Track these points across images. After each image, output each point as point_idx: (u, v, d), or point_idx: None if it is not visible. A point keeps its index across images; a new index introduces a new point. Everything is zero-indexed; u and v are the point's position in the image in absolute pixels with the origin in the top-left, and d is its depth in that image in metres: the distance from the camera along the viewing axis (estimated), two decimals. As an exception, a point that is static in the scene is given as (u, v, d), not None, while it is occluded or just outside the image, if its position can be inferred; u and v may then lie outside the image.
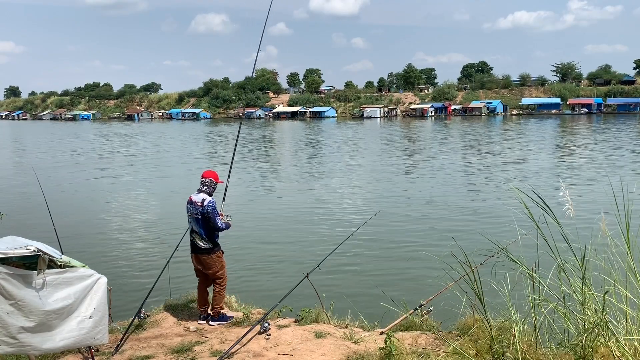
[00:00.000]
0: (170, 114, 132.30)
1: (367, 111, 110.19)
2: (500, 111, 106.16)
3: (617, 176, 23.91)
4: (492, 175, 26.83)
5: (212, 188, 6.50)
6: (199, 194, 6.45)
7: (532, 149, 40.78)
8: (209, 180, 6.49)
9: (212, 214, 6.29)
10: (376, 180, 26.69)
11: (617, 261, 4.08)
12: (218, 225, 6.32)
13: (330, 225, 16.54)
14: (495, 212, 17.73)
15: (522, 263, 4.39)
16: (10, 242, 4.30)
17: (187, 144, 53.38)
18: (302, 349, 5.56)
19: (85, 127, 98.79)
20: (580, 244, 4.19)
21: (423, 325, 6.05)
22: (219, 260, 6.49)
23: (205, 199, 6.34)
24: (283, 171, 31.16)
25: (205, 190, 6.46)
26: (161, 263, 8.57)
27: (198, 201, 6.37)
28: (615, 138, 47.83)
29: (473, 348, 4.98)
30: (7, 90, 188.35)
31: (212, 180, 6.50)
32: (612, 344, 3.90)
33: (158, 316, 6.88)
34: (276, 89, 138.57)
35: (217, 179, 6.53)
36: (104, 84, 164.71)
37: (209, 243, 6.39)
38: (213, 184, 6.50)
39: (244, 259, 13.01)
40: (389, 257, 13.15)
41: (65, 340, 4.44)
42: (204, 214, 6.30)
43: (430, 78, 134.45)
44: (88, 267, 4.72)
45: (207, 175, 6.53)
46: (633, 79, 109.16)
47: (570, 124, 73.25)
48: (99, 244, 15.00)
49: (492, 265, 4.85)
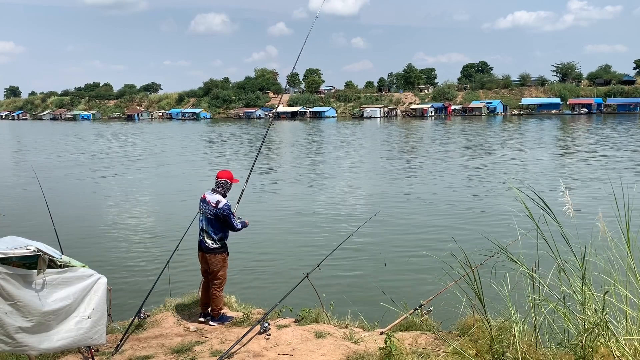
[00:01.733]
0: (170, 114, 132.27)
1: (367, 111, 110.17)
2: (500, 111, 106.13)
3: (617, 176, 23.92)
4: (492, 175, 26.82)
5: (227, 189, 6.46)
6: (213, 194, 6.41)
7: (532, 149, 40.78)
8: (224, 181, 6.43)
9: (228, 217, 6.28)
10: (376, 180, 26.68)
11: (617, 261, 4.08)
12: (234, 226, 6.33)
13: (330, 225, 16.53)
14: (495, 212, 17.73)
15: (522, 263, 4.39)
16: (10, 242, 4.29)
17: (188, 144, 53.38)
18: (302, 349, 5.56)
19: (85, 127, 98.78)
20: (580, 244, 4.19)
21: (423, 325, 6.05)
22: (224, 261, 6.49)
23: (220, 201, 6.30)
24: (283, 171, 31.16)
25: (220, 191, 6.41)
26: (161, 263, 8.58)
27: (212, 202, 6.33)
28: (616, 138, 47.82)
29: (473, 348, 4.98)
30: (7, 90, 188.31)
31: (227, 181, 6.44)
32: (612, 344, 3.90)
33: (158, 316, 6.88)
34: (276, 89, 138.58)
35: (232, 179, 6.49)
36: (104, 84, 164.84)
37: (217, 243, 6.39)
38: (228, 185, 6.46)
39: (244, 259, 13.00)
40: (389, 257, 13.14)
41: (63, 340, 4.44)
42: (219, 216, 6.29)
43: (430, 78, 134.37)
44: (88, 267, 4.72)
45: (222, 176, 6.47)
46: (633, 79, 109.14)
47: (570, 124, 73.25)
48: (99, 244, 15.00)
49: (492, 265, 4.85)
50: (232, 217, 6.32)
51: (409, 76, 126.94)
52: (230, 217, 6.30)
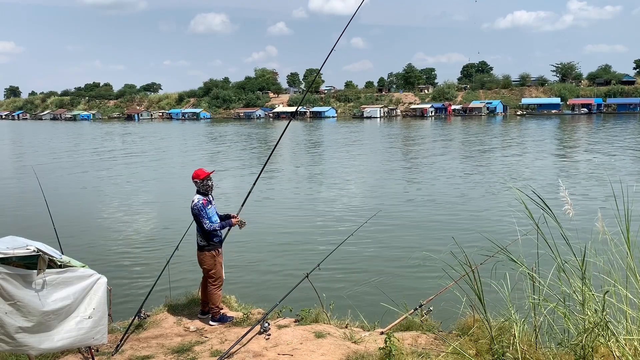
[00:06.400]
0: (170, 114, 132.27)
1: (367, 111, 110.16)
2: (500, 111, 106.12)
3: (617, 176, 23.92)
4: (492, 175, 26.82)
5: (199, 185, 6.55)
6: (195, 194, 6.60)
7: (532, 149, 40.77)
8: (194, 181, 6.60)
9: (198, 216, 6.42)
10: (376, 180, 26.68)
11: (617, 261, 4.08)
12: (203, 225, 6.40)
13: (330, 225, 16.54)
14: (496, 212, 17.73)
15: (522, 263, 4.39)
16: (10, 242, 4.29)
17: (188, 144, 53.38)
18: (302, 349, 5.56)
19: (85, 127, 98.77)
20: (580, 244, 4.19)
21: (423, 325, 6.05)
22: (213, 259, 6.52)
23: (194, 200, 6.49)
24: (283, 171, 31.15)
25: (197, 190, 6.58)
26: (161, 263, 8.57)
27: (192, 201, 6.52)
28: (615, 138, 47.82)
29: (473, 348, 4.98)
30: (7, 90, 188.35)
31: (195, 181, 6.58)
32: (612, 344, 3.90)
33: (158, 316, 6.89)
34: (276, 89, 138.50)
35: (201, 175, 6.56)
36: (104, 84, 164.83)
37: (204, 241, 6.50)
38: (198, 184, 6.56)
39: (244, 259, 13.01)
40: (389, 257, 13.15)
41: (64, 340, 4.44)
42: (193, 215, 6.47)
43: (430, 78, 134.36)
44: (88, 267, 4.72)
45: (193, 177, 6.63)
46: (633, 79, 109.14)
47: (571, 124, 73.25)
48: (99, 244, 15.00)
49: (492, 265, 4.85)
50: (202, 217, 6.40)
51: (409, 76, 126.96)
52: (200, 217, 6.40)
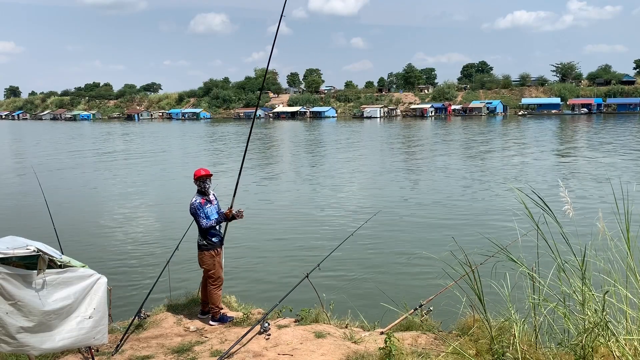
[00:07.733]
0: (170, 114, 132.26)
1: (367, 111, 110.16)
2: (500, 111, 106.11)
3: (617, 176, 23.93)
4: (492, 175, 26.82)
5: (199, 186, 6.64)
6: (195, 194, 6.67)
7: (532, 149, 40.77)
8: (193, 181, 6.69)
9: (195, 215, 6.51)
10: (376, 180, 26.68)
11: (617, 261, 4.08)
12: (200, 224, 6.48)
13: (330, 225, 16.53)
14: (495, 212, 17.72)
15: (522, 263, 4.39)
16: (10, 242, 4.29)
17: (188, 145, 53.38)
18: (302, 349, 5.56)
19: (85, 127, 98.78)
20: (580, 244, 4.20)
21: (423, 325, 6.05)
22: (211, 259, 6.55)
23: (192, 200, 6.58)
24: (283, 171, 31.15)
25: (198, 190, 6.66)
26: (161, 263, 8.58)
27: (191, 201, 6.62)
28: (615, 138, 47.82)
29: (473, 348, 4.98)
30: (7, 90, 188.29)
31: (194, 180, 6.66)
32: (612, 344, 3.90)
33: (158, 316, 6.89)
34: (276, 89, 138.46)
35: (196, 175, 6.66)
36: (104, 84, 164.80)
37: (203, 240, 6.56)
38: (195, 182, 6.65)
39: (244, 259, 13.01)
40: (389, 257, 13.15)
41: (65, 340, 4.44)
42: (191, 214, 6.57)
43: (430, 78, 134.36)
44: (88, 267, 4.72)
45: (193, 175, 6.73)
46: (633, 79, 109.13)
47: (571, 124, 73.25)
48: (99, 244, 15.00)
49: (492, 266, 4.85)
50: (198, 216, 6.48)
51: (409, 76, 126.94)
52: (197, 215, 6.50)
